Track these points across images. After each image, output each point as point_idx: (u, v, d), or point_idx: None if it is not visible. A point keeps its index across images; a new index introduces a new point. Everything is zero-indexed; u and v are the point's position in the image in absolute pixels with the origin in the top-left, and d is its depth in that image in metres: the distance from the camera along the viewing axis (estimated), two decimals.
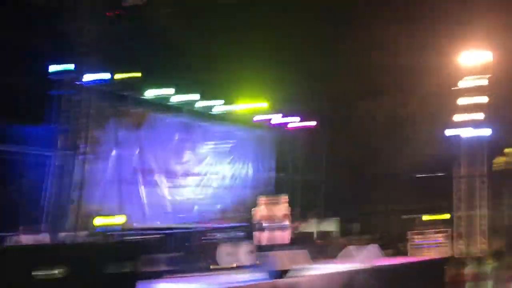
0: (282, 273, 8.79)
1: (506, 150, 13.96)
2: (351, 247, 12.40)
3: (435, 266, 13.23)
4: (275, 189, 17.29)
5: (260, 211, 11.78)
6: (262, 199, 12.03)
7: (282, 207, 11.72)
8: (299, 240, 14.04)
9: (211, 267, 12.10)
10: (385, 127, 20.15)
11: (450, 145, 18.14)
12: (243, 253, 12.54)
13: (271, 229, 11.79)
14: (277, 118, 17.45)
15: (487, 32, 15.21)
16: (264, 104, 16.64)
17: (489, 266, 8.00)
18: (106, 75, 11.72)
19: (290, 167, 18.36)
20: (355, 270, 10.32)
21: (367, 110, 19.98)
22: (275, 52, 18.86)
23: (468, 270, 8.33)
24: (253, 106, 16.51)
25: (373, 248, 11.30)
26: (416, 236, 14.55)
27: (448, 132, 15.73)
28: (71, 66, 10.85)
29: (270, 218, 11.68)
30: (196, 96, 14.75)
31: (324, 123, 19.93)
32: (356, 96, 20.30)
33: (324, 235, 18.01)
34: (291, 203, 13.12)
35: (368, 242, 17.79)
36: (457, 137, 15.81)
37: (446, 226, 15.84)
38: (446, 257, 13.88)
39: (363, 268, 10.57)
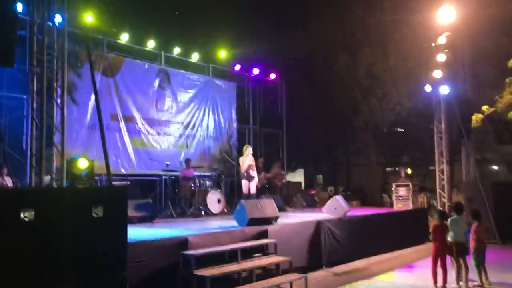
0: (251, 221, 9.01)
1: (484, 108, 14.47)
2: (326, 198, 12.88)
3: (416, 216, 14.03)
4: (239, 140, 17.56)
5: (247, 160, 11.96)
6: (248, 149, 12.19)
7: (250, 158, 12.03)
8: (270, 190, 14.52)
9: (189, 212, 12.35)
10: (355, 80, 20.43)
11: (420, 102, 18.73)
12: (214, 201, 12.81)
13: (249, 178, 12.03)
14: (240, 69, 17.50)
15: None
16: (224, 53, 16.66)
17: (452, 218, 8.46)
18: (75, 17, 11.34)
19: (253, 119, 18.55)
20: (326, 219, 10.71)
21: (343, 63, 20.17)
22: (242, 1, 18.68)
23: (433, 222, 8.81)
24: (214, 54, 16.53)
25: (340, 199, 11.68)
26: (397, 188, 15.11)
27: (427, 88, 16.13)
28: (36, 5, 10.33)
29: (247, 168, 11.93)
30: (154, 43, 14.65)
31: (295, 75, 20.05)
32: (332, 48, 20.43)
33: (292, 185, 18.52)
34: (255, 155, 13.42)
35: (334, 193, 18.53)
36: (427, 93, 16.26)
37: (410, 180, 16.47)
38: (414, 209, 14.63)
39: (334, 217, 10.99)
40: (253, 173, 12.15)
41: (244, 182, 12.02)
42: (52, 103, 9.36)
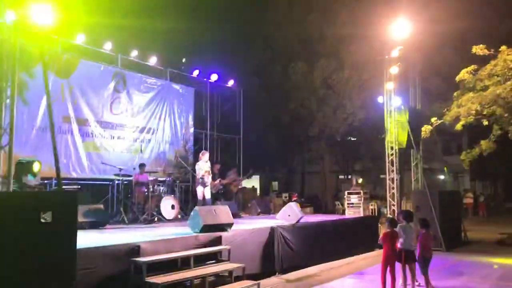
0: (205, 228, 9.00)
1: (433, 119, 15.06)
2: (280, 204, 13.00)
3: (367, 224, 14.34)
4: (195, 145, 17.51)
5: (204, 166, 11.92)
6: (204, 154, 12.16)
7: (208, 163, 12.03)
8: (225, 196, 14.52)
9: (142, 219, 12.16)
10: (311, 90, 20.84)
11: (372, 112, 19.30)
12: (167, 207, 12.68)
13: (203, 184, 12.02)
14: (199, 74, 17.51)
15: (409, 4, 16.13)
16: (184, 59, 16.62)
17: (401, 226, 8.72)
18: (29, 14, 10.98)
19: (209, 125, 18.57)
20: (280, 225, 10.80)
21: (299, 73, 20.52)
22: (201, 5, 18.74)
23: (384, 229, 9.06)
24: (172, 59, 16.46)
25: (294, 206, 11.84)
26: (348, 196, 15.46)
27: (380, 100, 16.62)
28: None
29: (203, 174, 11.92)
30: (110, 44, 14.46)
31: (252, 84, 20.22)
32: (290, 58, 20.75)
33: (248, 191, 18.59)
34: (211, 160, 13.46)
35: (288, 199, 18.73)
36: (380, 104, 16.80)
37: (361, 188, 16.87)
38: (365, 216, 15.00)
39: (288, 224, 11.11)
40: (208, 179, 12.15)
41: (199, 188, 12.02)
42: (1, 104, 9.02)
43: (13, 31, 9.81)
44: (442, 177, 24.25)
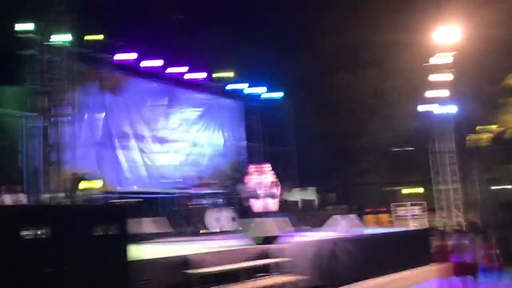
0: (267, 239, 8.82)
1: (478, 127, 14.26)
2: (336, 216, 12.61)
3: (421, 236, 13.64)
4: (248, 158, 17.43)
5: (253, 178, 11.80)
6: (252, 167, 12.05)
7: (268, 175, 11.76)
8: (285, 208, 14.26)
9: (201, 231, 12.19)
10: (360, 101, 20.33)
11: (423, 121, 18.52)
12: (226, 219, 12.63)
13: (262, 196, 11.85)
14: (248, 88, 17.47)
15: (458, 8, 15.37)
16: (233, 73, 16.65)
17: (468, 237, 8.22)
18: (75, 36, 11.37)
19: (262, 137, 18.42)
20: (340, 237, 10.47)
21: (343, 83, 20.12)
22: (247, 20, 18.81)
23: (450, 241, 8.56)
24: (223, 74, 16.51)
25: (354, 218, 11.48)
26: (397, 208, 14.88)
27: (420, 108, 15.98)
28: (39, 25, 10.46)
29: (262, 186, 11.73)
30: (162, 62, 14.70)
31: (296, 95, 19.99)
32: (332, 69, 20.40)
33: (306, 204, 18.24)
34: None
35: (346, 212, 18.21)
36: (429, 113, 16.11)
37: (420, 199, 16.22)
38: (426, 228, 14.27)
39: (348, 236, 10.75)
40: (265, 191, 11.92)
41: (251, 201, 11.80)
42: (48, 121, 9.34)
43: (60, 53, 10.19)
44: (504, 186, 22.80)
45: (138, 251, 7.53)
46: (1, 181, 9.80)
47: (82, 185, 9.77)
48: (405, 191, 17.20)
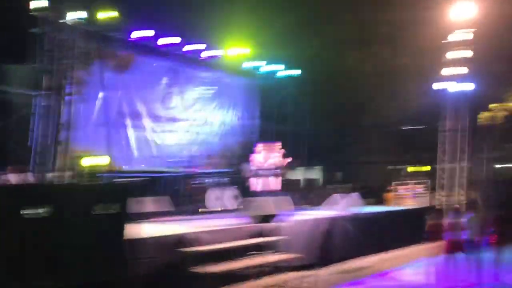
0: (266, 218, 8.97)
1: (491, 105, 14.08)
2: (336, 195, 12.72)
3: (415, 215, 13.71)
4: (260, 137, 17.43)
5: (258, 157, 11.72)
6: (259, 146, 11.97)
7: (277, 155, 11.75)
8: (287, 187, 14.36)
9: (200, 210, 12.36)
10: (372, 78, 20.12)
11: (436, 99, 18.33)
12: (228, 198, 12.77)
13: (266, 175, 11.85)
14: (262, 66, 17.34)
15: None
16: (248, 51, 16.47)
17: (466, 216, 8.30)
18: (89, 14, 11.35)
19: (275, 116, 18.42)
20: (337, 216, 10.59)
21: (355, 61, 19.88)
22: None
23: (446, 220, 8.62)
24: (238, 52, 16.36)
25: (355, 196, 11.58)
26: (398, 187, 14.90)
27: (435, 86, 15.79)
28: (53, 3, 10.46)
29: (267, 165, 11.71)
30: (180, 39, 14.47)
31: (309, 72, 19.84)
32: (344, 46, 20.14)
33: (309, 183, 18.35)
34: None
35: (350, 190, 18.29)
36: (443, 90, 15.93)
37: (427, 178, 16.20)
38: (426, 207, 14.33)
39: (345, 214, 10.87)
40: (270, 170, 11.88)
41: (252, 180, 11.80)
42: (61, 100, 9.47)
43: (72, 31, 10.24)
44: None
45: (136, 230, 7.73)
46: (9, 160, 10.04)
47: (88, 163, 9.92)
48: (410, 169, 17.10)
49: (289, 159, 14.29)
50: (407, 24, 17.46)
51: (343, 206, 11.29)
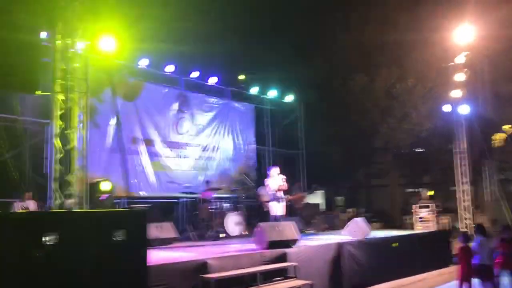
0: (271, 244, 8.93)
1: (504, 127, 14.24)
2: (346, 220, 12.69)
3: (439, 238, 13.70)
4: (257, 162, 17.56)
5: (274, 182, 11.54)
6: (273, 170, 11.77)
7: (279, 179, 11.66)
8: (290, 212, 14.34)
9: (220, 235, 12.31)
10: (372, 101, 20.31)
11: (438, 121, 18.53)
12: (247, 223, 12.76)
13: (283, 199, 11.72)
14: (257, 91, 17.59)
15: (471, 8, 15.37)
16: (243, 76, 16.78)
17: (476, 240, 8.30)
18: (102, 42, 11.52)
19: (271, 141, 18.56)
20: (349, 241, 10.56)
21: (360, 84, 20.11)
22: (258, 24, 18.91)
23: (457, 244, 8.62)
24: (232, 77, 16.68)
25: (360, 221, 11.55)
26: (417, 210, 14.91)
27: (445, 108, 16.00)
28: (52, 33, 10.62)
29: (273, 189, 11.60)
30: (173, 67, 14.84)
31: (309, 97, 20.05)
32: (349, 69, 20.41)
33: (312, 207, 18.29)
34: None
35: (354, 215, 18.27)
36: (448, 113, 16.17)
37: (431, 202, 16.20)
38: (448, 230, 14.30)
39: (357, 239, 10.83)
40: (281, 194, 11.80)
41: (273, 204, 11.62)
42: (74, 128, 9.52)
43: (83, 60, 10.36)
44: None
45: (157, 256, 7.70)
46: (26, 187, 10.03)
47: (104, 189, 9.92)
48: (429, 192, 17.15)
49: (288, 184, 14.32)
50: (412, 47, 17.85)
51: (350, 230, 11.24)
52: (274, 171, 11.67)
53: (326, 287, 9.43)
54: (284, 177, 11.54)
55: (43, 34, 11.09)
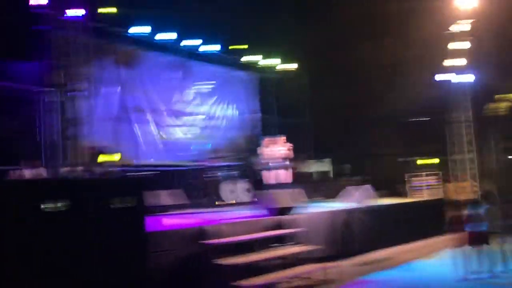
0: (280, 211, 8.93)
1: (497, 96, 14.00)
2: (350, 187, 12.67)
3: (433, 207, 13.66)
4: (262, 131, 17.46)
5: (266, 151, 11.64)
6: (266, 140, 11.89)
7: (282, 147, 11.63)
8: (299, 180, 14.31)
9: (216, 203, 12.37)
10: (375, 70, 20.04)
11: (441, 90, 18.25)
12: (242, 191, 12.76)
13: (276, 168, 11.79)
14: (261, 60, 17.37)
15: None
16: (247, 46, 16.52)
17: (483, 207, 8.24)
18: (89, 10, 11.34)
19: (276, 110, 18.42)
20: (354, 208, 10.56)
21: (358, 54, 19.78)
22: None
23: (463, 211, 8.56)
24: (236, 46, 16.39)
25: (368, 189, 11.53)
26: (411, 179, 14.85)
27: (438, 77, 15.73)
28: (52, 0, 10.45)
29: (275, 158, 11.61)
30: (177, 35, 14.51)
31: (311, 66, 19.79)
32: (346, 39, 20.06)
33: (320, 175, 18.31)
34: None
35: (361, 183, 18.23)
36: (447, 82, 15.89)
37: (437, 170, 16.14)
38: (441, 198, 14.27)
39: (361, 206, 10.84)
40: (279, 163, 11.81)
41: (264, 172, 11.69)
42: (64, 96, 9.45)
43: (74, 27, 10.22)
44: None
45: (155, 223, 7.72)
46: (20, 155, 10.02)
47: (100, 158, 9.91)
48: (420, 161, 17.03)
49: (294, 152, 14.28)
50: (408, 16, 17.41)
51: (358, 198, 11.23)
52: (268, 141, 11.69)
53: (331, 252, 9.43)
54: (291, 145, 11.50)
55: (33, 1, 10.78)
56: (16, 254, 5.11)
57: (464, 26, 14.08)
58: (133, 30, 13.51)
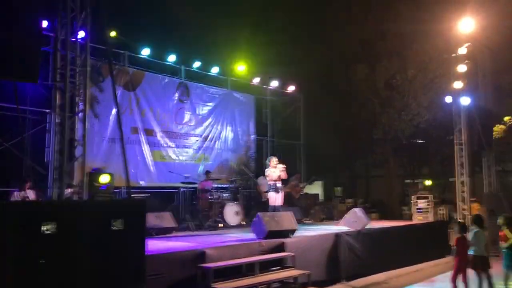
0: (269, 234, 9.00)
1: (506, 118, 14.24)
2: (342, 210, 12.77)
3: (437, 229, 13.79)
4: (256, 152, 17.63)
5: (274, 172, 11.45)
6: (273, 160, 11.64)
7: (278, 169, 11.59)
8: (288, 202, 14.39)
9: (219, 225, 12.40)
10: (378, 92, 20.32)
11: (437, 112, 18.56)
12: (245, 212, 12.83)
13: (282, 190, 11.65)
14: (259, 81, 17.67)
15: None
16: (243, 67, 16.79)
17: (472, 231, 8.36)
18: (98, 33, 11.54)
19: (271, 131, 18.62)
20: (346, 232, 10.64)
21: (361, 75, 20.08)
22: (261, 14, 18.89)
23: (455, 235, 8.68)
24: (233, 68, 16.68)
25: (358, 211, 11.62)
26: (416, 201, 14.98)
27: (434, 100, 15.99)
28: (53, 22, 10.61)
29: (273, 179, 11.50)
30: (174, 57, 14.83)
31: (311, 87, 20.05)
32: (350, 60, 20.39)
33: (310, 198, 18.38)
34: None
35: (352, 205, 18.36)
36: (443, 104, 16.20)
37: (429, 193, 16.28)
38: (436, 221, 14.41)
39: (354, 230, 10.91)
40: (280, 184, 11.74)
41: (271, 194, 11.60)
42: (74, 117, 9.54)
43: (84, 49, 10.35)
44: None
45: (156, 245, 7.78)
46: (27, 177, 10.06)
47: (104, 179, 9.95)
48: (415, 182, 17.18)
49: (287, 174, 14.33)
50: (414, 38, 17.78)
51: (348, 221, 11.32)
52: (274, 161, 11.56)
53: (323, 277, 9.52)
54: (284, 166, 11.49)
55: (45, 23, 11.05)
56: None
57: (461, 50, 14.40)
58: (133, 51, 13.75)
